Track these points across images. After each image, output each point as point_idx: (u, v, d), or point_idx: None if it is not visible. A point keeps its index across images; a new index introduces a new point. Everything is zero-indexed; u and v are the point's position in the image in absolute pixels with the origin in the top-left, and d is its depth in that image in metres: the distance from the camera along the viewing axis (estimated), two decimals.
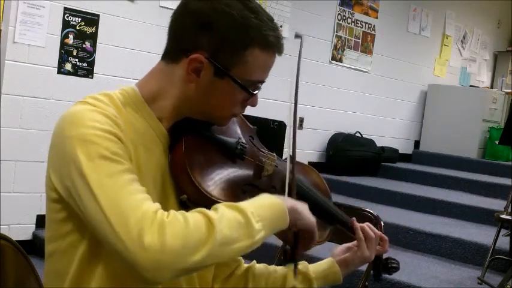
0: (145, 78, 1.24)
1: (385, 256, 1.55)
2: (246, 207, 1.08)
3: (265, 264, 1.47)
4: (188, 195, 1.18)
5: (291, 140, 1.24)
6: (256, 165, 1.30)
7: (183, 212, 1.05)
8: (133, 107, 1.19)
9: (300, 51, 1.21)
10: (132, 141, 1.14)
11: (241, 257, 1.43)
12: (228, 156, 1.25)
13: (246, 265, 1.45)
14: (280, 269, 1.46)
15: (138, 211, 1.00)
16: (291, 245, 1.24)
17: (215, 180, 1.20)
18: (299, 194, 1.34)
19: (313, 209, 1.37)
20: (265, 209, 1.11)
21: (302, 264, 1.45)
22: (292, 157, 1.23)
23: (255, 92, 1.22)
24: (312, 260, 1.47)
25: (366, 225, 1.46)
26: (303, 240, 1.22)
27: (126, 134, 1.12)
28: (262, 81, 1.22)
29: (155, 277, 0.99)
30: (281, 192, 1.27)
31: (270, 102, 5.35)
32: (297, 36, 1.23)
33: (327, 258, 1.49)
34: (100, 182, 1.03)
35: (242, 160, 1.27)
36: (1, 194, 3.74)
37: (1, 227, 3.64)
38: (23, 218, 3.91)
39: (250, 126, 1.39)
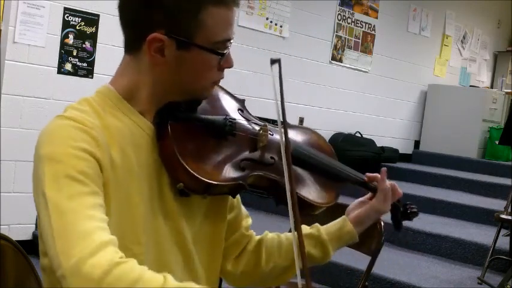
0: (115, 75, 1.22)
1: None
2: None
3: (277, 233, 1.44)
4: (184, 183, 1.15)
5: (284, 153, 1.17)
6: (250, 139, 1.26)
7: (144, 267, 0.96)
8: (112, 106, 1.16)
9: (280, 76, 1.10)
10: (118, 145, 1.12)
11: (252, 231, 1.41)
12: (218, 135, 1.21)
13: (257, 237, 1.41)
14: (291, 235, 1.41)
15: (86, 240, 0.95)
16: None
17: (209, 163, 1.17)
18: (299, 159, 1.32)
19: (317, 171, 1.35)
20: None
21: (314, 228, 1.41)
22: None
23: (225, 52, 1.16)
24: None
25: (379, 175, 1.43)
26: None
27: (105, 146, 1.09)
28: (229, 39, 1.16)
29: None
30: (280, 162, 1.24)
31: (270, 102, 5.35)
32: (273, 61, 1.12)
33: (340, 217, 1.44)
34: (57, 203, 0.99)
35: (234, 136, 1.23)
36: (1, 194, 3.74)
37: (1, 227, 3.63)
38: (23, 218, 3.91)
39: (238, 98, 1.34)
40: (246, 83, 5.06)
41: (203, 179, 1.13)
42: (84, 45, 4.04)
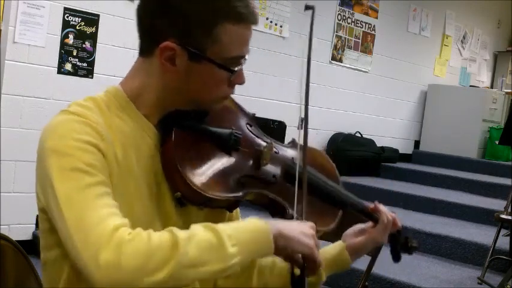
0: (127, 76, 1.22)
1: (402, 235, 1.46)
2: (223, 230, 1.02)
3: None
4: (181, 193, 1.14)
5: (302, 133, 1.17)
6: (253, 155, 1.24)
7: (150, 231, 1.00)
8: (118, 107, 1.16)
9: (312, 24, 1.13)
10: (121, 144, 1.12)
11: None
12: (222, 148, 1.20)
13: None
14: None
15: (99, 227, 0.97)
16: (297, 266, 1.16)
17: (208, 176, 1.15)
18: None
19: (320, 195, 1.32)
20: (245, 233, 1.05)
21: None
22: (304, 154, 1.16)
23: (236, 69, 1.15)
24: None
25: (382, 207, 1.40)
26: (307, 263, 1.14)
27: (109, 141, 1.09)
28: (242, 56, 1.16)
29: None
30: (283, 178, 1.23)
31: (270, 102, 5.35)
32: (308, 7, 1.13)
33: (337, 242, 1.40)
34: (67, 195, 1.01)
35: (237, 151, 1.21)
36: (1, 194, 3.74)
37: (1, 227, 3.63)
38: (23, 218, 3.91)
39: (248, 112, 1.33)
40: (246, 83, 5.04)
41: (201, 191, 1.12)
42: (84, 45, 4.04)
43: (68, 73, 3.99)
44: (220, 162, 1.19)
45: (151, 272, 0.96)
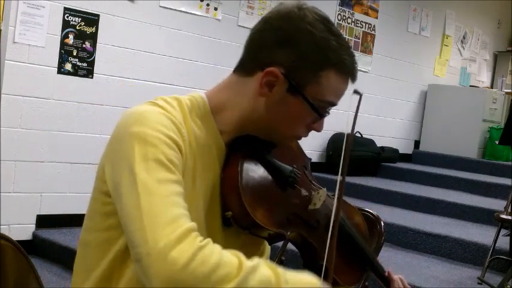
0: (215, 88, 1.24)
1: None
2: (282, 273, 1.04)
3: None
4: (233, 213, 1.18)
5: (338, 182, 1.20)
6: (304, 197, 1.29)
7: (219, 246, 1.02)
8: (198, 115, 1.19)
9: (358, 109, 1.20)
10: (192, 151, 1.14)
11: None
12: (280, 182, 1.24)
13: None
14: None
15: (172, 225, 0.99)
16: None
17: (263, 204, 1.19)
18: (341, 233, 1.30)
19: (351, 250, 1.36)
20: (301, 285, 1.07)
21: None
22: (338, 205, 1.19)
23: (323, 114, 1.22)
24: None
25: (399, 278, 1.42)
26: None
27: (187, 144, 1.12)
28: (333, 105, 1.23)
29: None
30: (324, 228, 1.25)
31: None
32: (356, 92, 1.20)
33: None
34: (147, 184, 1.02)
35: (293, 189, 1.26)
36: (1, 194, 3.74)
37: (1, 227, 3.63)
38: (23, 218, 3.90)
39: (306, 156, 1.38)
40: None
41: (253, 216, 1.16)
42: (84, 45, 4.04)
43: (68, 73, 3.99)
44: (276, 195, 1.24)
45: (212, 284, 0.97)
